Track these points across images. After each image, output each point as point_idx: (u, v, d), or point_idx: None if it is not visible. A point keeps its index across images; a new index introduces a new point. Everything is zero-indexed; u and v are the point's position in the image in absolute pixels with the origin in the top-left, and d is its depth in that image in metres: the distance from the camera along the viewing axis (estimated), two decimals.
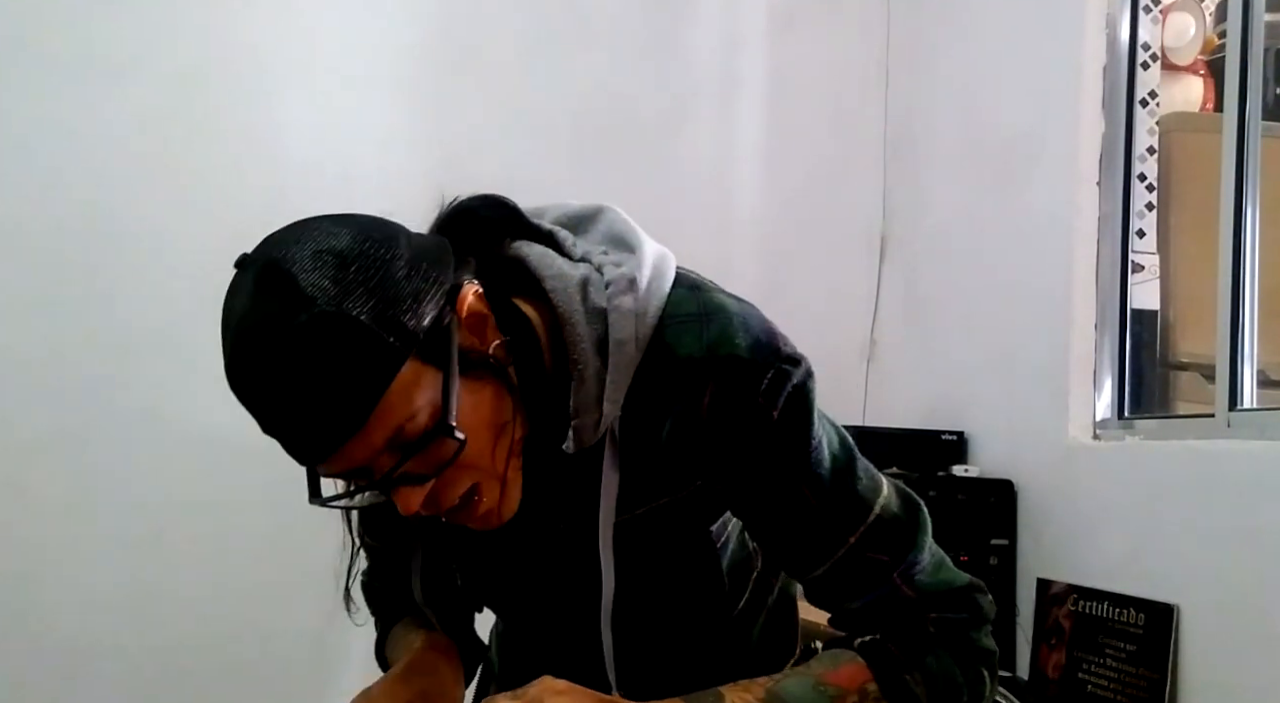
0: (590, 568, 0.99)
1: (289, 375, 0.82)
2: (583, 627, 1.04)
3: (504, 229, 1.02)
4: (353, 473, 0.88)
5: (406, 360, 0.83)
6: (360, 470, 0.87)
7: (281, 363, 0.82)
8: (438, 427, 0.84)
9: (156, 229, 2.49)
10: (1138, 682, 2.05)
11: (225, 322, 0.87)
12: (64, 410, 2.42)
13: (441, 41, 2.74)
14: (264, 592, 2.52)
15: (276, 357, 0.82)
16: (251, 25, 2.58)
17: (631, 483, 0.98)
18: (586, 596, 1.02)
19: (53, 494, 2.41)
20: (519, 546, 1.06)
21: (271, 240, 0.87)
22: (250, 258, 0.87)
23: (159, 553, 2.47)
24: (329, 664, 2.54)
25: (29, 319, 2.41)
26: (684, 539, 1.05)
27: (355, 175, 2.64)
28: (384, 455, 0.85)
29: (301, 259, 0.83)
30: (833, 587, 1.02)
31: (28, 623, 2.38)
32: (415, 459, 0.85)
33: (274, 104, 2.59)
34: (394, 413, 0.83)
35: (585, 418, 0.94)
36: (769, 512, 1.00)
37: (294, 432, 0.85)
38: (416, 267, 0.85)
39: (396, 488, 0.87)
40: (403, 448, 0.85)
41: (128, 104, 2.48)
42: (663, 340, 0.95)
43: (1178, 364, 2.54)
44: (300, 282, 0.82)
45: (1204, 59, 2.79)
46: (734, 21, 3.00)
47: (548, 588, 1.09)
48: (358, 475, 0.88)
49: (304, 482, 0.96)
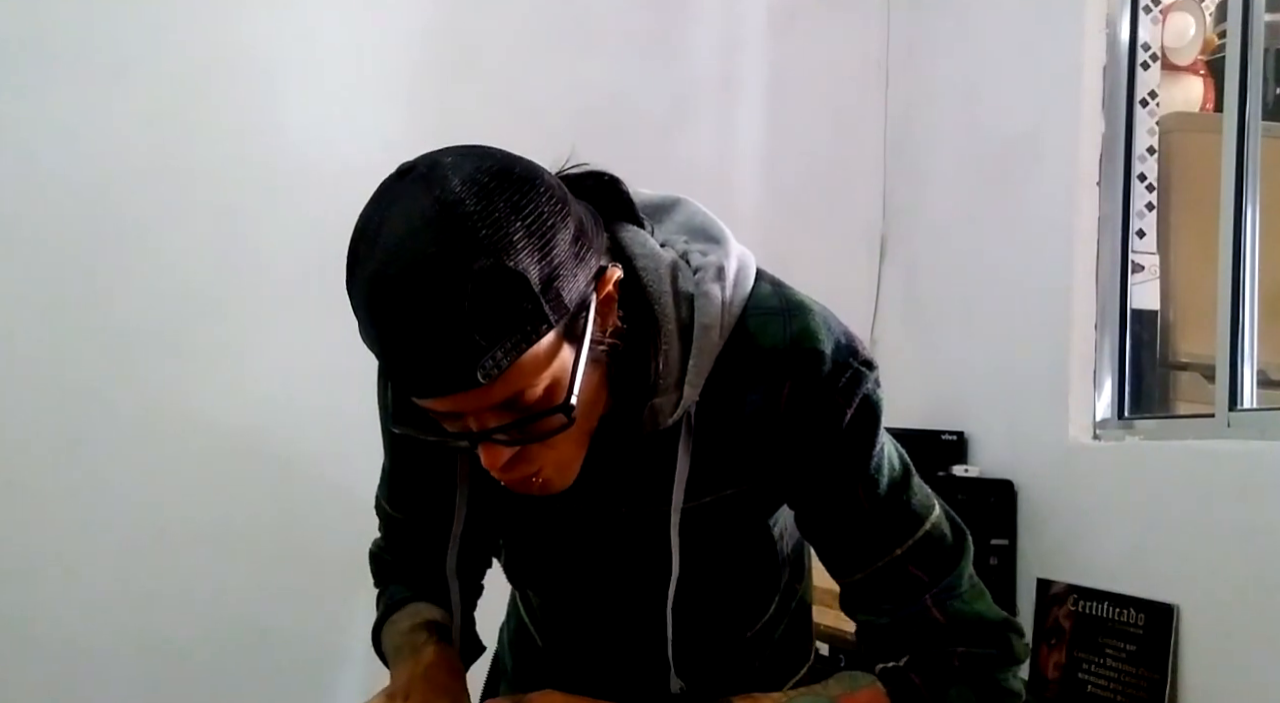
0: (650, 551, 1.00)
1: (439, 313, 0.79)
2: (635, 609, 1.04)
3: (607, 206, 1.00)
4: (449, 416, 0.87)
5: (552, 331, 0.82)
6: (455, 416, 0.86)
7: (435, 299, 0.78)
8: (561, 405, 0.84)
9: (156, 229, 2.49)
10: (1138, 682, 2.05)
11: (376, 232, 0.82)
12: (64, 410, 2.42)
13: (441, 41, 2.74)
14: (264, 592, 2.52)
15: (432, 292, 0.78)
16: (252, 25, 2.58)
17: (701, 470, 0.98)
18: (643, 578, 1.02)
19: (52, 494, 2.41)
20: (576, 523, 1.05)
21: (445, 164, 0.84)
22: (421, 175, 0.83)
23: (159, 553, 2.46)
24: (330, 664, 2.54)
25: (29, 319, 2.41)
26: (743, 531, 1.05)
27: (355, 175, 2.63)
28: (490, 412, 0.85)
29: (479, 201, 0.80)
30: (868, 595, 1.01)
31: (27, 623, 2.38)
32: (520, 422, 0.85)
33: (274, 104, 2.59)
34: (522, 378, 0.83)
35: (664, 400, 0.94)
36: (824, 509, 1.00)
37: (418, 364, 0.81)
38: (581, 238, 0.85)
39: (486, 443, 0.86)
40: (515, 411, 0.84)
41: (128, 104, 2.47)
42: (746, 330, 0.95)
43: (1178, 364, 2.54)
44: (475, 225, 0.79)
45: (1204, 59, 2.79)
46: (734, 21, 3.00)
47: (602, 568, 1.08)
48: (451, 419, 0.87)
49: (303, 483, 0.96)
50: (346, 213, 0.99)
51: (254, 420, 2.53)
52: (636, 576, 1.04)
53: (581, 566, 1.09)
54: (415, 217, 0.80)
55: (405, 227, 0.80)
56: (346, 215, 0.88)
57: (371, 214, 0.84)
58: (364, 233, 0.84)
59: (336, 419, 2.49)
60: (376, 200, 0.85)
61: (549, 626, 1.22)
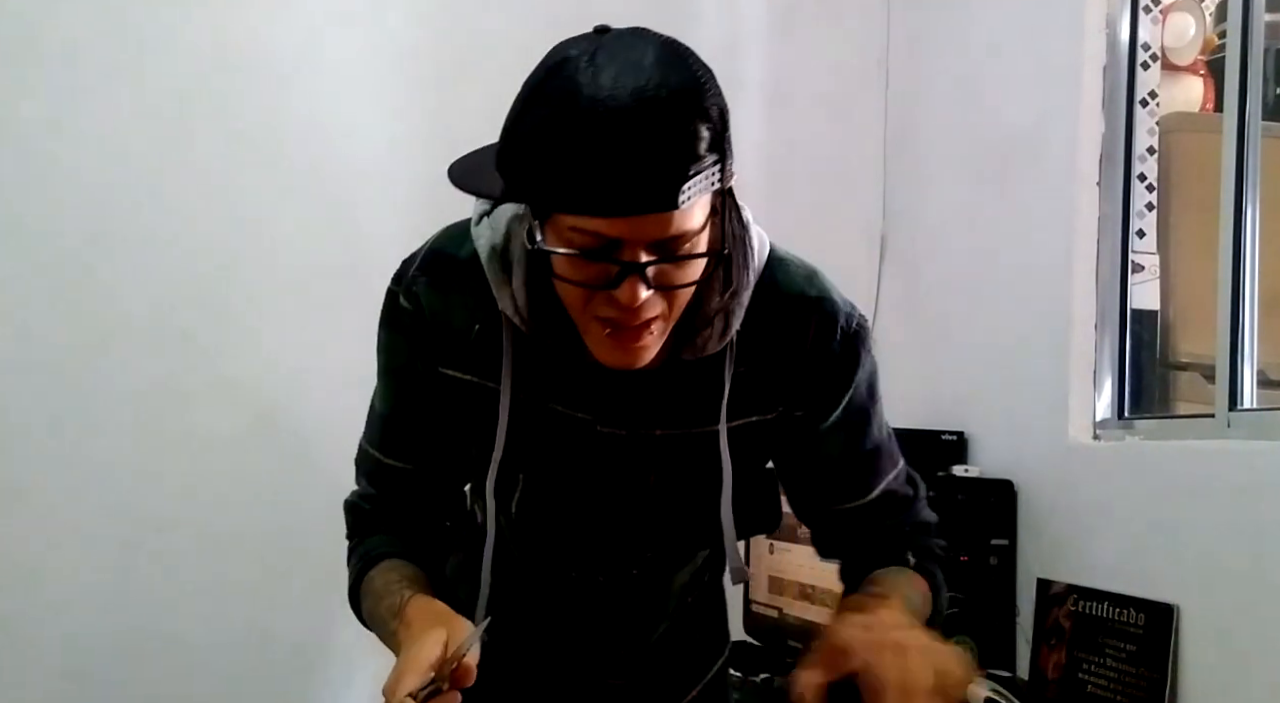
0: (677, 470, 1.14)
1: (679, 134, 0.88)
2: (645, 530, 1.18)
3: None
4: (612, 244, 0.93)
5: (724, 184, 0.95)
6: (614, 244, 0.92)
7: (681, 121, 0.88)
8: (716, 250, 0.97)
9: (158, 229, 2.49)
10: (1138, 682, 2.06)
11: (607, 61, 0.92)
12: (63, 410, 2.42)
13: (442, 42, 2.74)
14: (263, 591, 2.52)
15: (679, 114, 0.88)
16: (252, 25, 2.58)
17: (732, 397, 1.11)
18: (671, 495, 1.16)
19: (52, 494, 2.41)
20: (604, 448, 1.13)
21: (639, 28, 0.96)
22: (628, 30, 0.97)
23: (159, 553, 2.47)
24: (330, 664, 2.54)
25: (29, 319, 2.40)
26: (754, 461, 1.19)
27: (355, 175, 2.64)
28: (650, 248, 0.93)
29: (691, 53, 0.93)
30: (886, 508, 1.21)
31: (27, 623, 2.38)
32: (668, 266, 0.95)
33: (277, 103, 2.59)
34: (693, 216, 0.92)
35: (712, 328, 1.06)
36: (847, 437, 1.17)
37: (632, 181, 0.89)
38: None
39: (633, 277, 0.93)
40: (666, 251, 0.93)
41: (130, 103, 2.47)
42: (771, 277, 1.12)
43: (1178, 364, 2.54)
44: (704, 69, 0.92)
45: (1204, 59, 2.79)
46: (734, 22, 3.00)
47: (622, 491, 1.16)
48: (613, 248, 0.93)
49: (303, 481, 0.97)
50: (350, 211, 1.00)
51: (256, 419, 2.53)
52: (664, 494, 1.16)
53: (601, 492, 1.16)
54: (652, 52, 0.91)
55: (648, 58, 0.91)
56: (349, 214, 0.89)
57: (578, 52, 0.95)
58: (576, 64, 0.93)
59: (340, 417, 2.48)
60: (578, 45, 0.97)
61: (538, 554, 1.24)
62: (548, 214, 0.95)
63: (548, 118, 0.92)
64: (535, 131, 0.92)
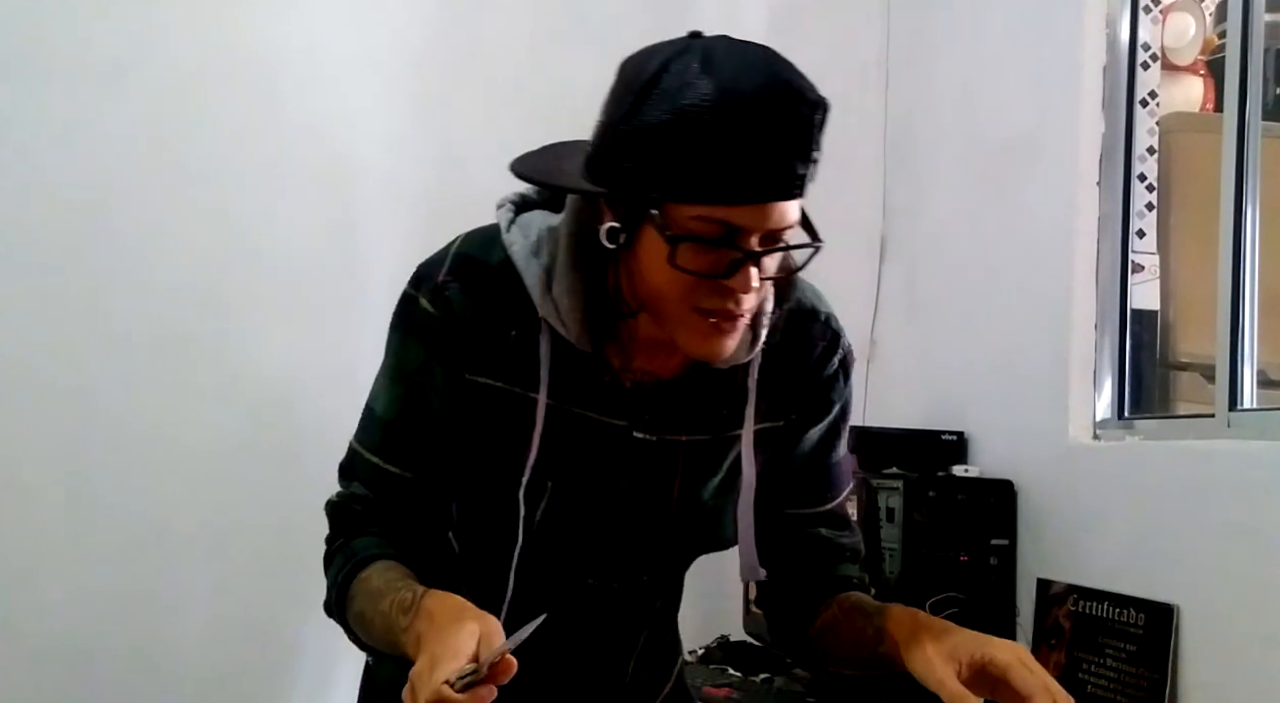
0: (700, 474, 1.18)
1: (810, 127, 0.97)
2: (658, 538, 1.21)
3: None
4: (731, 233, 0.98)
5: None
6: (733, 234, 0.98)
7: (811, 115, 0.97)
8: (816, 241, 1.06)
9: (157, 229, 2.49)
10: (1138, 682, 2.06)
11: (726, 58, 0.98)
12: (64, 411, 2.42)
13: (443, 41, 2.74)
14: (264, 592, 2.52)
15: (810, 109, 0.97)
16: (252, 25, 2.58)
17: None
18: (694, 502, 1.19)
19: (52, 495, 2.41)
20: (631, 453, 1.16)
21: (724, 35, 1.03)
22: (722, 36, 1.04)
23: (159, 553, 2.47)
24: (330, 664, 2.54)
25: (28, 320, 2.40)
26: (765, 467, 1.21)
27: (355, 175, 2.64)
28: (762, 236, 0.99)
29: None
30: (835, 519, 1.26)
31: (27, 623, 2.38)
32: (769, 258, 1.02)
33: (275, 104, 2.59)
34: (796, 208, 1.01)
35: (746, 337, 1.09)
36: (823, 447, 1.24)
37: (765, 167, 0.96)
38: None
39: (748, 265, 0.99)
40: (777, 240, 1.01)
41: (128, 104, 2.47)
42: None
43: (1178, 364, 2.54)
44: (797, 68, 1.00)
45: (1204, 59, 2.79)
46: (734, 21, 2.99)
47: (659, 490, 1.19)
48: (731, 238, 0.98)
49: (303, 481, 0.97)
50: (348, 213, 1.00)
51: (254, 421, 2.53)
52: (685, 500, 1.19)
53: (627, 498, 1.18)
54: (760, 51, 1.00)
55: (761, 56, 0.99)
56: (348, 216, 0.89)
57: (688, 52, 1.00)
58: (692, 62, 0.98)
59: (337, 419, 2.49)
60: (680, 45, 1.03)
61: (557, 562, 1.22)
62: (661, 206, 0.97)
63: (678, 111, 0.95)
64: (664, 124, 0.95)
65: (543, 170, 1.10)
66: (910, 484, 2.38)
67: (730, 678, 2.52)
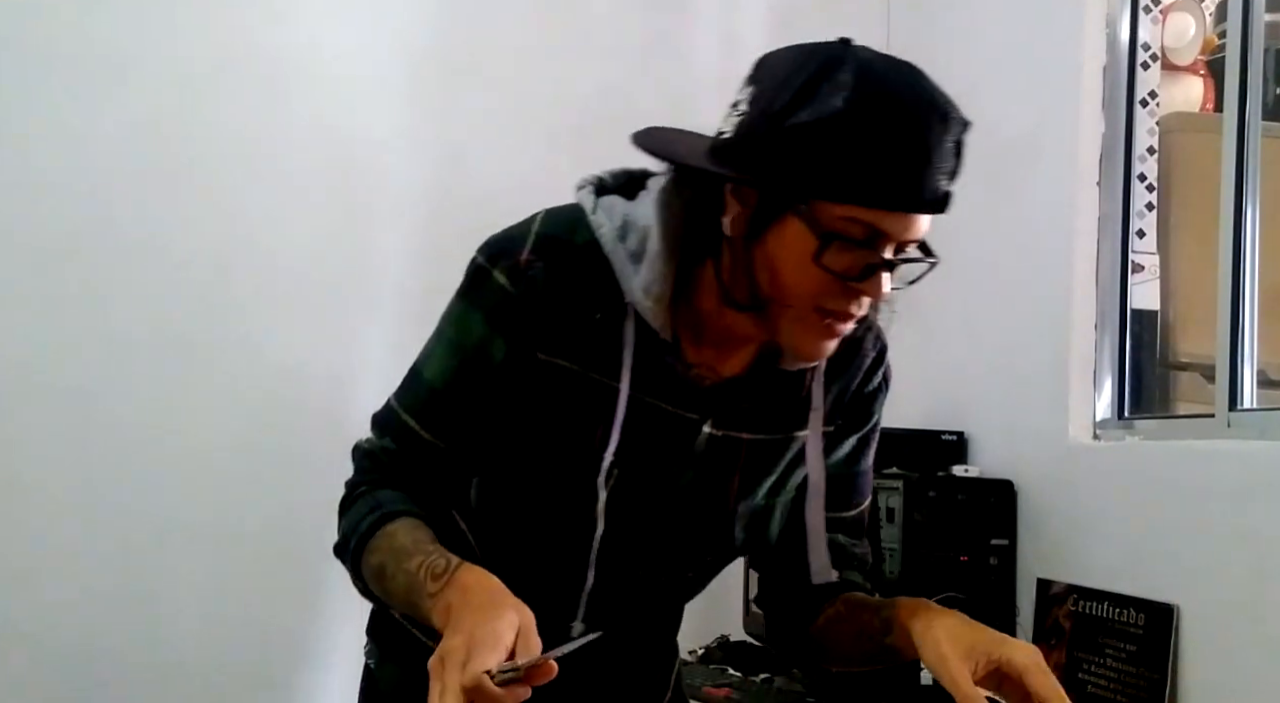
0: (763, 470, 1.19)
1: (957, 139, 1.02)
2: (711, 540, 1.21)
3: None
4: (874, 238, 1.01)
5: None
6: (875, 238, 1.01)
7: (958, 128, 1.02)
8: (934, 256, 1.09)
9: (158, 229, 2.49)
10: (1138, 682, 2.06)
11: (894, 73, 1.02)
12: (64, 411, 2.42)
13: (443, 42, 2.74)
14: (264, 592, 2.52)
15: (959, 121, 1.02)
16: (252, 25, 2.58)
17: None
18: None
19: (52, 494, 2.41)
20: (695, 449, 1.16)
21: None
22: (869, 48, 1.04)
23: (159, 553, 2.47)
24: (330, 664, 2.54)
25: (29, 319, 2.40)
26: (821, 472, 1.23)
27: (355, 175, 2.64)
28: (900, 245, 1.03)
29: None
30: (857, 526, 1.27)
31: (27, 623, 2.38)
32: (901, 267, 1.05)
33: (274, 104, 2.59)
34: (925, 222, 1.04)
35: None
36: (857, 454, 1.25)
37: (928, 178, 1.00)
38: None
39: (881, 271, 1.03)
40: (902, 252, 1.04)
41: (128, 104, 2.47)
42: None
43: (1178, 364, 2.54)
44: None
45: (1204, 59, 2.79)
46: (734, 21, 3.00)
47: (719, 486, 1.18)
48: (872, 242, 1.01)
49: (303, 481, 0.97)
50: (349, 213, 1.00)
51: (255, 420, 2.53)
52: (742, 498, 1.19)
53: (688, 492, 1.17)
54: (917, 69, 1.04)
55: (915, 70, 1.04)
56: (349, 216, 0.89)
57: (851, 56, 1.02)
58: (859, 67, 1.00)
59: (338, 419, 2.49)
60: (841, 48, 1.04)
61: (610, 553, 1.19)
62: (809, 202, 0.99)
63: (844, 112, 0.96)
64: (827, 123, 0.96)
65: (667, 152, 1.10)
66: (910, 484, 2.38)
67: (730, 678, 2.51)
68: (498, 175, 2.69)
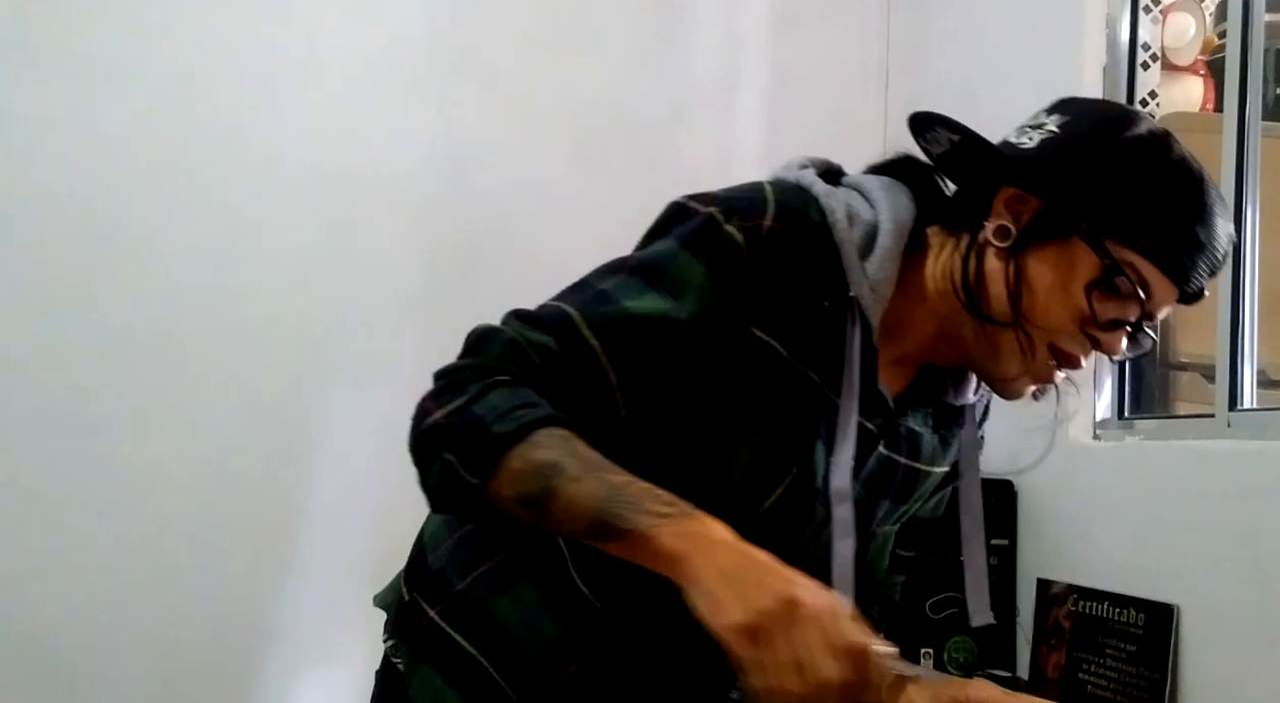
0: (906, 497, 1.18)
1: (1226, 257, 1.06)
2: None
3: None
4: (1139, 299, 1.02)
5: None
6: (1138, 299, 1.02)
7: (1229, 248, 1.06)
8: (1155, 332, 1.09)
9: (156, 229, 2.49)
10: (1138, 682, 2.05)
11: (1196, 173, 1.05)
12: (63, 410, 2.42)
13: (442, 42, 2.74)
14: (264, 592, 2.52)
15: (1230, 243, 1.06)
16: (252, 25, 2.58)
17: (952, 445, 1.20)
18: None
19: (52, 494, 2.41)
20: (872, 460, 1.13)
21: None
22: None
23: (159, 553, 2.47)
24: (330, 664, 2.54)
25: (27, 319, 2.41)
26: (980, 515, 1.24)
27: (356, 175, 2.64)
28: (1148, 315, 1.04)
29: None
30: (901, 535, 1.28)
31: (27, 623, 2.38)
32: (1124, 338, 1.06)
33: (274, 104, 2.59)
34: None
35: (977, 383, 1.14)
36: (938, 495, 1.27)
37: (1209, 268, 1.04)
38: None
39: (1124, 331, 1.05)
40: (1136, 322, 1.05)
41: (127, 104, 2.48)
42: None
43: (1178, 364, 2.53)
44: None
45: (1204, 59, 2.79)
46: (734, 21, 3.00)
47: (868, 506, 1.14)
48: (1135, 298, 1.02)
49: (303, 481, 0.96)
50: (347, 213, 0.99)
51: (254, 420, 2.53)
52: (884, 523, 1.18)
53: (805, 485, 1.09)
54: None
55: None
56: (347, 216, 0.88)
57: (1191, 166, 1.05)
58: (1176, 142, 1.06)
59: (337, 420, 2.49)
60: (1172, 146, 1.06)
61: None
62: (1100, 237, 1.01)
63: (1170, 173, 1.02)
64: (1151, 175, 1.02)
65: (983, 146, 1.14)
66: None
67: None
68: (497, 175, 2.69)
